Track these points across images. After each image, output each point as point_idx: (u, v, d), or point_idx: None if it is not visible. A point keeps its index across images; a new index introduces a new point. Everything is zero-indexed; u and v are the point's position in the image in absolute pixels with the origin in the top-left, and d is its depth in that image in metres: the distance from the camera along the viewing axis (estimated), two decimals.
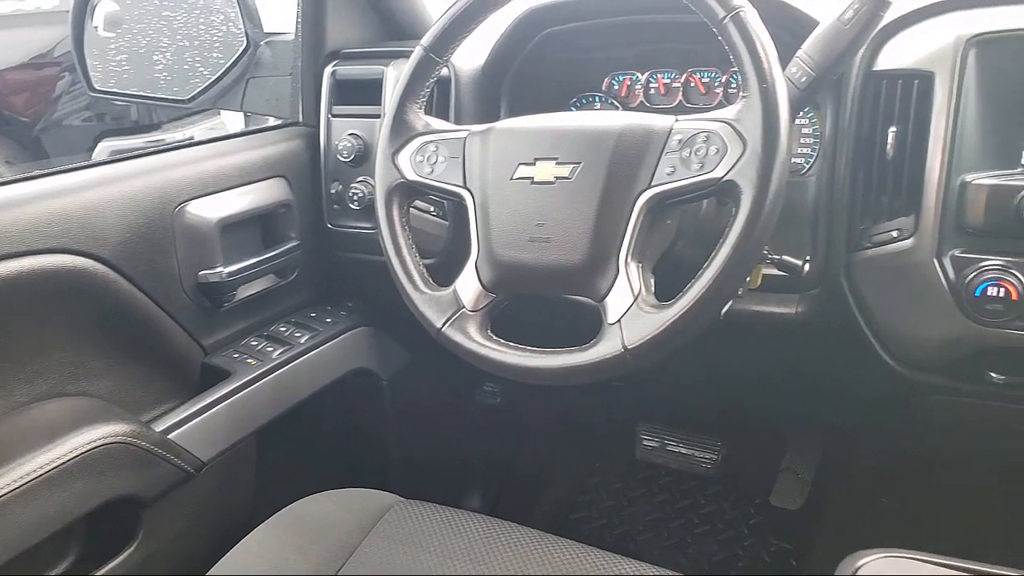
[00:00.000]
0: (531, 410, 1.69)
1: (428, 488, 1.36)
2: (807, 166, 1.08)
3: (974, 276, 0.86)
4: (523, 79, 1.22)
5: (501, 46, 1.17)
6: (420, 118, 0.95)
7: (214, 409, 1.08)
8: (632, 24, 1.16)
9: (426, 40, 0.93)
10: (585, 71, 1.24)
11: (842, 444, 1.48)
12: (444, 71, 1.12)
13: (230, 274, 1.13)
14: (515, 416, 1.68)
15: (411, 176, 0.92)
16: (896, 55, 0.92)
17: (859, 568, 0.69)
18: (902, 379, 0.96)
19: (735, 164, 0.75)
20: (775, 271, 0.96)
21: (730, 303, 0.89)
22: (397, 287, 0.91)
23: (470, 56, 1.18)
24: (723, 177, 0.75)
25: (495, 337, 0.86)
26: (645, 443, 1.62)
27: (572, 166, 0.83)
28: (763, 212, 0.73)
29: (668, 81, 1.20)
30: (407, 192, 0.94)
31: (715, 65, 1.16)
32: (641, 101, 1.22)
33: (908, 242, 0.90)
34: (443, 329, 0.87)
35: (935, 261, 0.89)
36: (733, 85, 1.14)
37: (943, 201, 0.88)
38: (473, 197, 0.88)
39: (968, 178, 0.86)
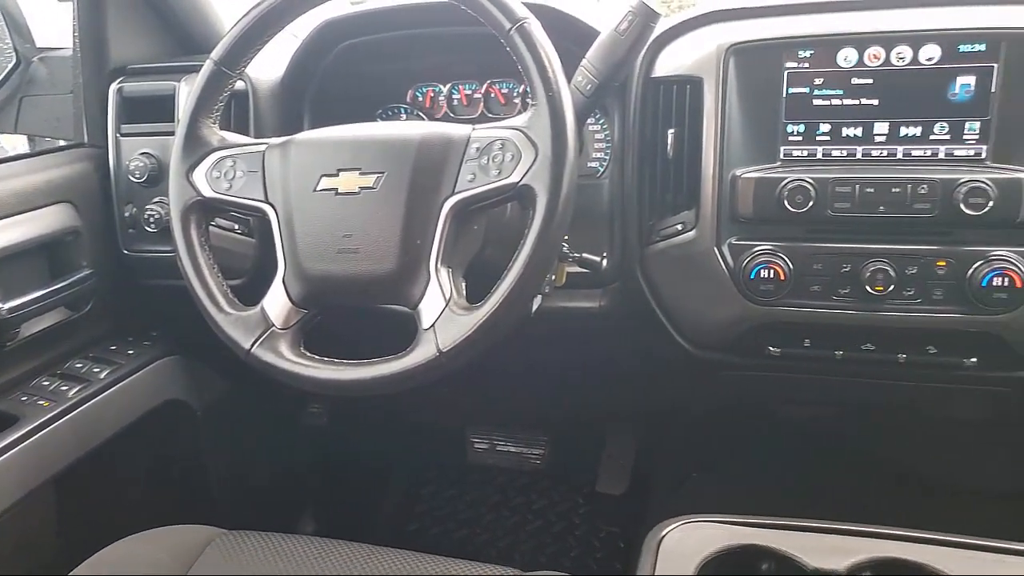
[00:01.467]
0: (360, 427, 1.67)
1: (258, 517, 1.31)
2: (602, 169, 1.15)
3: (748, 261, 0.95)
4: (326, 91, 1.21)
5: (299, 58, 1.16)
6: (215, 133, 0.92)
7: (0, 459, 0.99)
8: (431, 36, 1.18)
9: (216, 53, 0.90)
10: (389, 83, 1.25)
11: (656, 426, 1.58)
12: (240, 84, 1.09)
13: (11, 310, 1.04)
14: (344, 434, 1.65)
15: (208, 193, 0.89)
16: (670, 63, 1.01)
17: (662, 537, 0.74)
18: (696, 359, 1.05)
19: (529, 169, 0.79)
20: (578, 268, 1.02)
21: (539, 301, 0.94)
22: (200, 310, 0.87)
23: (268, 68, 1.16)
24: (519, 182, 0.79)
25: (308, 354, 0.85)
26: (476, 446, 1.65)
27: (376, 176, 0.83)
28: (557, 213, 0.77)
29: (470, 92, 1.23)
30: (205, 210, 0.90)
31: (512, 76, 1.21)
32: (445, 112, 1.25)
33: (691, 234, 0.99)
34: (252, 350, 0.84)
35: (715, 249, 0.97)
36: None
37: (718, 195, 0.97)
38: (276, 211, 0.87)
39: (737, 173, 0.96)
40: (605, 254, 1.02)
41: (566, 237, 0.97)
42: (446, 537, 1.63)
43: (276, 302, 0.85)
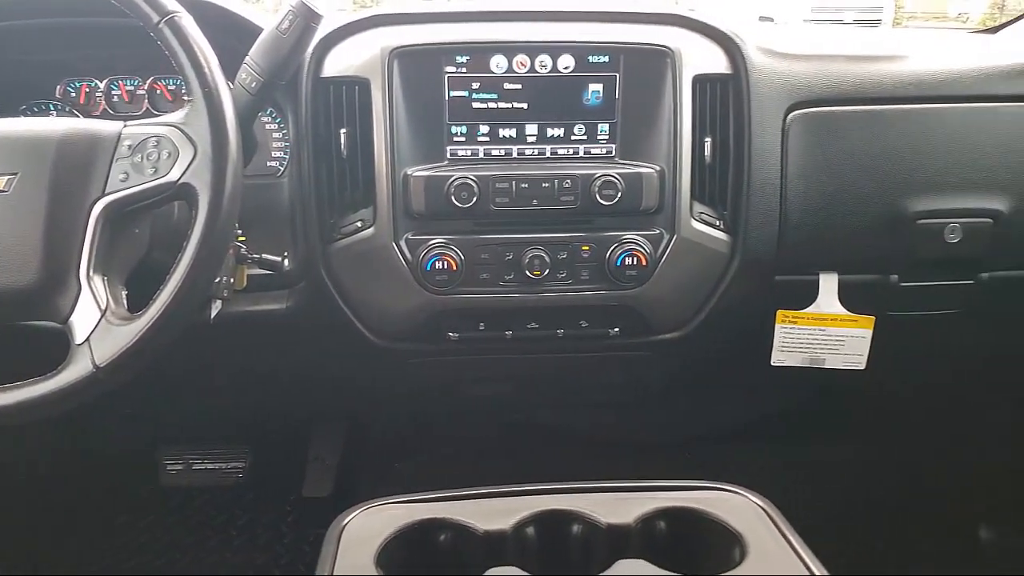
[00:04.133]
0: (30, 461, 1.48)
1: None
2: (282, 168, 1.13)
3: (424, 254, 1.01)
4: None
5: None
6: None
7: None
8: (85, 26, 1.08)
9: None
10: (34, 76, 1.13)
11: (358, 422, 1.60)
12: None
13: None
14: (9, 471, 1.46)
15: None
16: (338, 63, 1.03)
17: (343, 527, 0.76)
18: (384, 351, 1.09)
19: (188, 167, 0.77)
20: (260, 270, 1.00)
21: (219, 306, 0.91)
22: None
23: None
24: (178, 180, 0.77)
25: None
26: (169, 468, 1.54)
27: (8, 178, 0.77)
28: (221, 212, 0.76)
29: (132, 88, 1.15)
30: None
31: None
32: (104, 109, 1.15)
33: (370, 231, 1.02)
34: None
35: (393, 244, 1.02)
36: None
37: (392, 192, 1.01)
38: None
39: (409, 171, 1.01)
40: (287, 254, 1.02)
41: (243, 238, 0.96)
42: (143, 569, 1.51)
43: None
